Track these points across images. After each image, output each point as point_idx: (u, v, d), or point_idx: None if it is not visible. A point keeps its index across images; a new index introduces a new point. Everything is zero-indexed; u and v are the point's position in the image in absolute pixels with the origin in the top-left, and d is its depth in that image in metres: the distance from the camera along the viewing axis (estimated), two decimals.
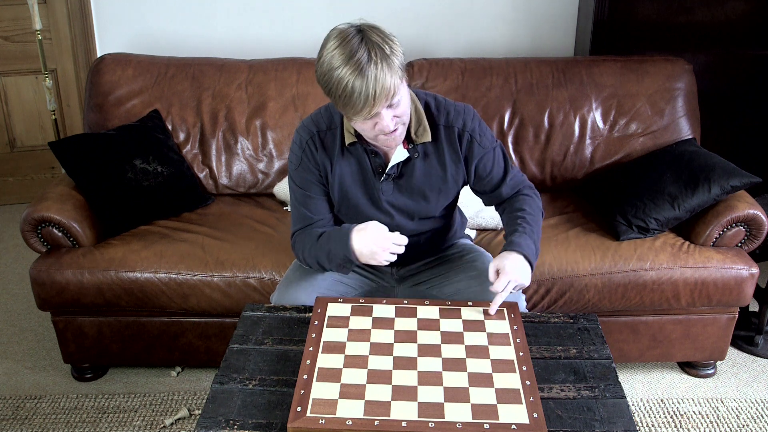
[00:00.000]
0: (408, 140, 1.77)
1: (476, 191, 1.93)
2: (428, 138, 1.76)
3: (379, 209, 1.84)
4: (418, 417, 1.38)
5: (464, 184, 1.89)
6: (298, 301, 1.84)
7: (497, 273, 1.71)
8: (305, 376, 1.47)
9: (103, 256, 2.29)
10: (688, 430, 2.26)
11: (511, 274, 1.68)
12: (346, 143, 1.76)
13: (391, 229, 1.76)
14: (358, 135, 1.76)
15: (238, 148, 2.74)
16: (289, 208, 2.63)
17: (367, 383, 1.46)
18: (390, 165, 1.78)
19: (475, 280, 1.87)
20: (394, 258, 1.74)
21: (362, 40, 1.55)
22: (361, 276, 1.99)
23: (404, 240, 1.74)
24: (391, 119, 1.62)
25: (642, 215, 2.35)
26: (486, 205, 1.98)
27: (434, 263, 2.00)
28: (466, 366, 1.52)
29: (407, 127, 1.74)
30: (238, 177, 2.76)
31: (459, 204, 2.19)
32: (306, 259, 1.86)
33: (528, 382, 1.46)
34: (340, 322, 1.66)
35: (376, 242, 1.71)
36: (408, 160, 1.79)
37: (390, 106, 1.60)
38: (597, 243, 2.34)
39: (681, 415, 2.32)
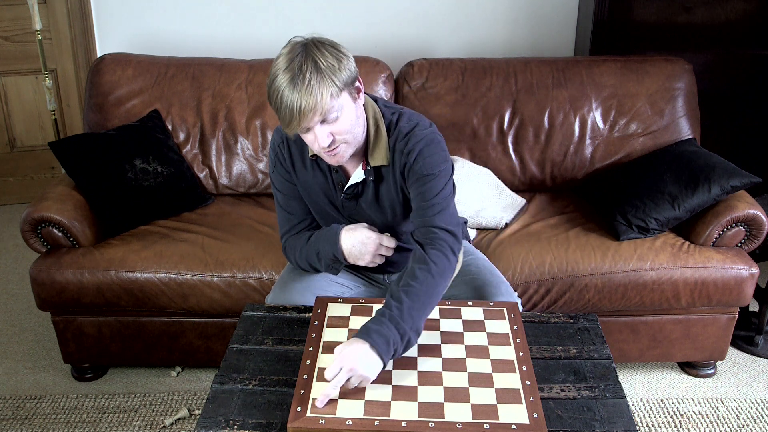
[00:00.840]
0: (366, 161, 1.73)
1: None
2: (383, 162, 1.70)
3: (345, 220, 1.84)
4: (418, 417, 1.38)
5: None
6: (293, 303, 1.84)
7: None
8: (305, 376, 1.47)
9: (103, 256, 2.29)
10: (688, 430, 2.26)
11: (348, 362, 1.41)
12: (309, 155, 1.75)
13: None
14: None
15: (238, 148, 2.74)
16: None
17: None
18: (347, 185, 1.76)
19: (469, 285, 1.87)
20: (382, 260, 1.73)
21: (304, 52, 1.52)
22: (356, 276, 1.99)
23: (393, 243, 1.73)
24: (326, 135, 1.57)
25: (642, 215, 2.35)
26: (411, 221, 1.76)
27: None
28: (466, 366, 1.52)
29: (366, 147, 1.71)
30: (238, 177, 2.76)
31: (458, 204, 2.18)
32: (298, 261, 1.87)
33: (528, 382, 1.46)
34: (340, 322, 1.66)
35: (365, 243, 1.71)
36: (365, 181, 1.75)
37: (324, 121, 1.55)
38: (597, 243, 2.34)
39: (681, 415, 2.32)
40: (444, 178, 1.69)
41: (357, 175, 1.75)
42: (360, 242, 1.72)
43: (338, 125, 1.57)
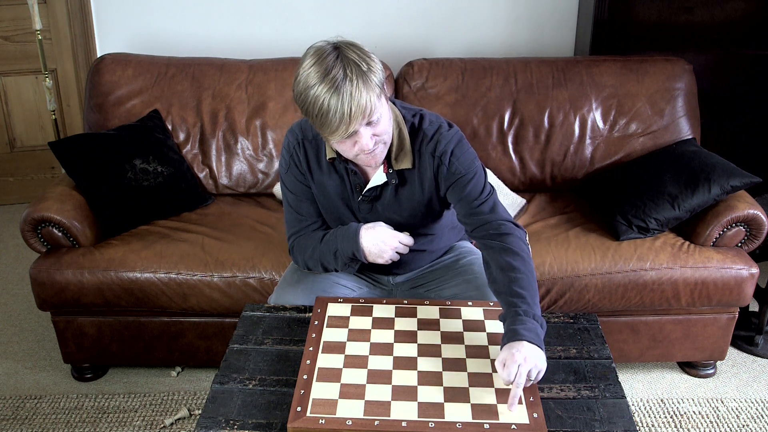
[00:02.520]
0: (388, 164, 1.73)
1: (456, 209, 1.81)
2: (408, 165, 1.71)
3: (360, 222, 1.84)
4: (418, 417, 1.38)
5: (446, 204, 1.83)
6: (296, 303, 1.83)
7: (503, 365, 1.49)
8: (305, 376, 1.47)
9: (103, 256, 2.29)
10: (688, 430, 2.26)
11: (525, 363, 1.43)
12: (328, 157, 1.74)
13: None
14: (338, 152, 1.73)
15: (238, 148, 2.74)
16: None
17: (367, 383, 1.46)
18: (367, 187, 1.76)
19: (471, 284, 1.87)
20: (397, 258, 1.74)
21: (338, 57, 1.51)
22: (359, 278, 1.99)
23: (411, 240, 1.73)
24: (370, 137, 1.57)
25: (642, 215, 2.35)
26: (462, 223, 1.78)
27: (431, 268, 1.99)
28: (466, 366, 1.52)
29: (390, 149, 1.71)
30: (238, 177, 2.76)
31: None
32: (307, 261, 1.85)
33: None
34: (340, 322, 1.66)
35: (385, 240, 1.71)
36: (386, 183, 1.75)
37: (369, 124, 1.56)
38: (597, 243, 2.34)
39: (681, 415, 2.32)
40: (481, 175, 1.73)
41: (378, 177, 1.74)
42: (381, 240, 1.71)
43: (380, 126, 1.59)
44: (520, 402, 1.41)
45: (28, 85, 3.51)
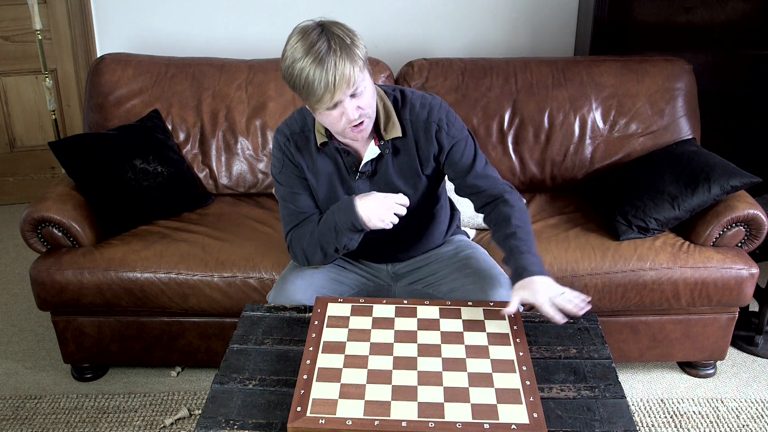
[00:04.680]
0: (378, 137, 1.79)
1: (450, 179, 1.90)
2: (398, 133, 1.78)
3: None
4: (418, 417, 1.38)
5: (440, 176, 1.91)
6: (295, 300, 1.84)
7: (523, 305, 1.71)
8: (305, 376, 1.47)
9: (103, 256, 2.29)
10: (688, 430, 2.26)
11: (546, 293, 1.63)
12: (318, 143, 1.79)
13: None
14: (329, 135, 1.78)
15: (238, 148, 2.74)
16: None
17: (367, 383, 1.46)
18: (363, 163, 1.80)
19: (469, 278, 1.88)
20: (396, 220, 1.73)
21: (322, 32, 1.60)
22: (357, 275, 1.99)
23: (406, 200, 1.73)
24: (355, 109, 1.63)
25: (642, 215, 2.35)
26: (459, 193, 1.91)
27: (429, 261, 2.00)
28: (466, 366, 1.52)
29: (376, 123, 1.77)
30: (238, 177, 2.76)
31: (456, 202, 2.19)
32: (306, 250, 1.85)
33: (528, 382, 1.46)
34: (340, 322, 1.66)
35: (380, 204, 1.71)
36: (380, 157, 1.80)
37: (353, 96, 1.62)
38: (597, 243, 2.34)
39: (681, 415, 2.33)
40: (471, 140, 1.86)
41: (371, 151, 1.79)
42: (376, 204, 1.72)
43: (364, 99, 1.65)
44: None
45: (28, 85, 3.51)
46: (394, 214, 1.72)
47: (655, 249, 2.31)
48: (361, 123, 1.68)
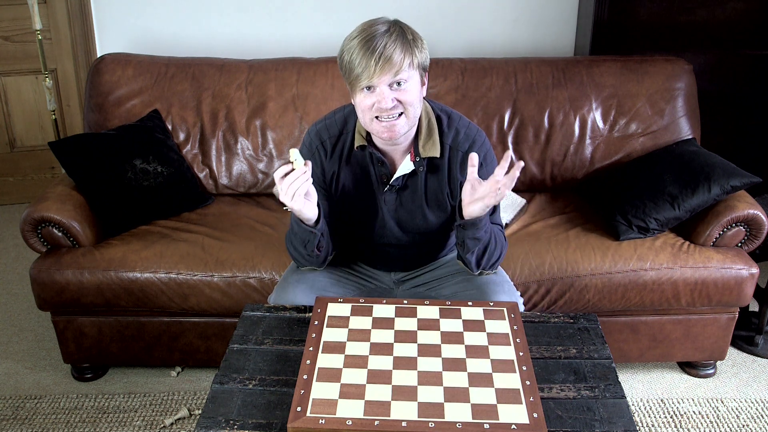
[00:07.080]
0: (415, 153, 1.75)
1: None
2: (436, 153, 1.74)
3: (376, 218, 1.84)
4: (418, 417, 1.38)
5: None
6: (296, 302, 1.84)
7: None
8: (305, 376, 1.47)
9: (103, 256, 2.29)
10: (688, 430, 2.26)
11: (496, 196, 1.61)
12: (356, 145, 1.75)
13: (386, 239, 1.83)
14: (368, 139, 1.75)
15: (238, 148, 2.74)
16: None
17: (367, 383, 1.46)
18: (395, 176, 1.77)
19: (471, 283, 1.87)
20: (298, 204, 1.63)
21: (389, 21, 1.59)
22: (359, 278, 1.99)
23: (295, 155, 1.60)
24: (391, 98, 1.59)
25: (642, 215, 2.35)
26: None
27: (433, 267, 2.00)
28: (466, 366, 1.52)
29: (416, 138, 1.73)
30: (238, 177, 2.76)
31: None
32: (290, 249, 1.86)
33: (528, 382, 1.46)
34: (340, 322, 1.66)
35: (288, 182, 1.59)
36: (413, 173, 1.77)
37: (393, 88, 1.59)
38: (597, 243, 2.34)
39: (681, 415, 2.33)
40: None
41: (406, 166, 1.76)
42: (279, 188, 1.62)
43: (405, 94, 1.61)
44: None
45: (28, 85, 3.51)
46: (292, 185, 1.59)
47: (655, 249, 2.31)
48: (391, 120, 1.62)
